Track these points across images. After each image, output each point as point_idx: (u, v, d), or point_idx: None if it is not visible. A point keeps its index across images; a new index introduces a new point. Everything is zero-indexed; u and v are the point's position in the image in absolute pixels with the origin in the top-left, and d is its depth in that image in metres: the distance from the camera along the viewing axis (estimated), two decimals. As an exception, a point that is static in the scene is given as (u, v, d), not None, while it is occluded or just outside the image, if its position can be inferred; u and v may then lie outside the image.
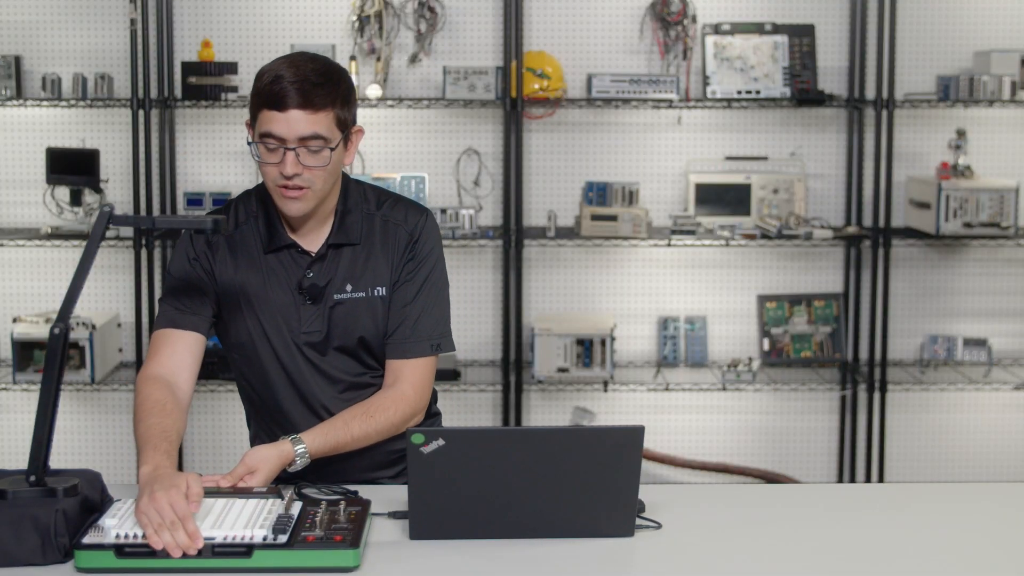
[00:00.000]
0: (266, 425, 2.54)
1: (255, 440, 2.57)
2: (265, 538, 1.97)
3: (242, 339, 2.46)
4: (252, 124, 2.34)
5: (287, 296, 2.43)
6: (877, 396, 4.40)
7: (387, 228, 2.47)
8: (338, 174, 2.41)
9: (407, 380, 2.45)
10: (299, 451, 2.36)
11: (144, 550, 1.96)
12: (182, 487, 2.01)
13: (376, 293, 2.44)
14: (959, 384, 4.39)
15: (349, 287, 2.44)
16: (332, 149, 2.32)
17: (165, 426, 2.25)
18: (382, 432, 2.42)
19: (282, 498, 2.13)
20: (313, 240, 2.45)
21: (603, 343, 4.28)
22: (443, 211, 4.29)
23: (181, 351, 2.40)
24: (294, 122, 2.27)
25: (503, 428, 2.36)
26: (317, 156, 2.31)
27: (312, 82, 2.28)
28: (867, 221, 4.44)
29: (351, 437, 2.40)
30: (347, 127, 2.36)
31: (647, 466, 4.59)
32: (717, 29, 4.42)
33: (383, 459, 2.53)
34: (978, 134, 4.53)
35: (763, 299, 4.59)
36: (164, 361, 2.39)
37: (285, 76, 2.27)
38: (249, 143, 2.37)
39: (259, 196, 2.47)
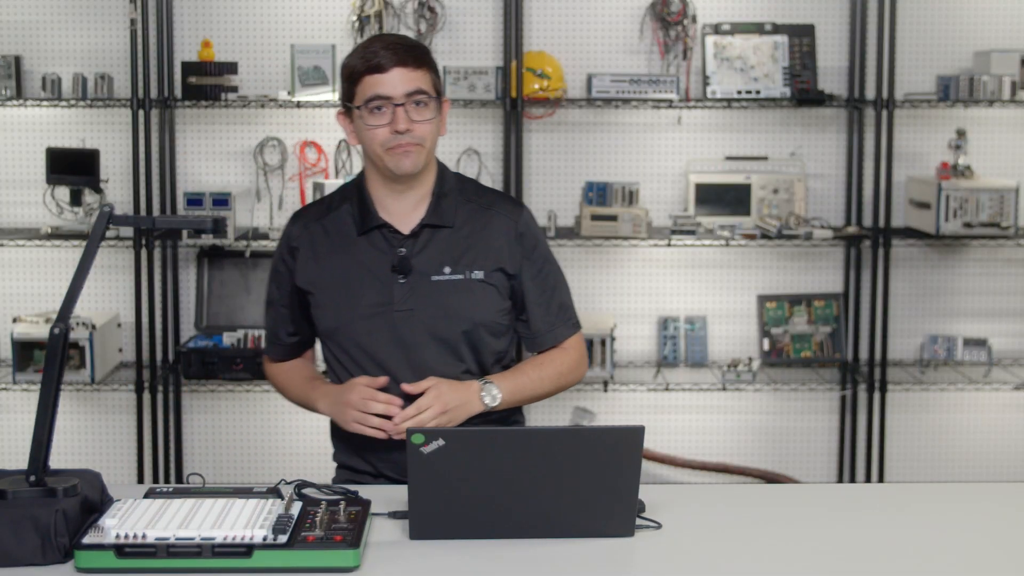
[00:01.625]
0: None
1: (338, 430, 2.61)
2: (265, 538, 1.97)
3: (336, 323, 2.52)
4: (348, 103, 2.47)
5: (381, 274, 2.50)
6: (877, 396, 4.40)
7: (488, 217, 2.55)
8: (437, 139, 2.51)
9: (569, 347, 2.62)
10: (484, 384, 2.48)
11: (144, 550, 1.96)
12: (353, 385, 2.42)
13: (473, 276, 2.51)
14: (959, 384, 4.39)
15: (447, 269, 2.50)
16: (437, 99, 2.46)
17: (305, 375, 2.63)
18: (560, 373, 2.58)
19: (282, 498, 2.13)
20: (407, 222, 2.53)
21: (603, 343, 4.28)
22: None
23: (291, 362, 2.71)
24: (398, 79, 2.42)
25: (503, 428, 2.36)
26: (424, 109, 2.44)
27: (405, 45, 2.46)
28: (867, 221, 4.44)
29: (528, 377, 2.54)
30: (440, 93, 2.50)
31: (647, 466, 4.59)
32: (717, 29, 4.42)
33: None
34: (978, 134, 4.53)
35: (763, 299, 4.59)
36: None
37: (378, 45, 2.45)
38: (353, 108, 2.46)
39: (356, 182, 2.58)
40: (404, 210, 2.53)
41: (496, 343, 2.57)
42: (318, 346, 2.71)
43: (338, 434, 2.61)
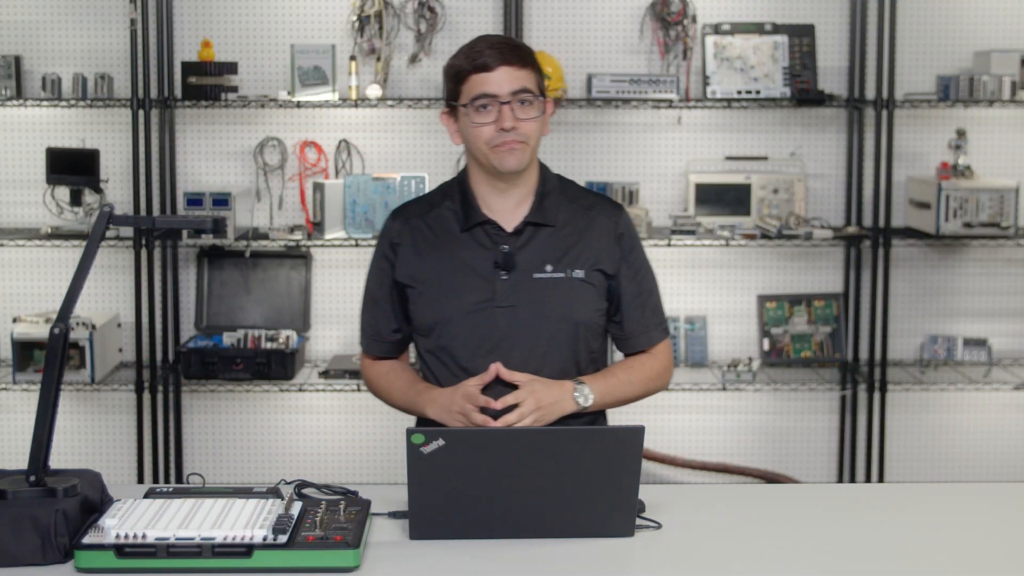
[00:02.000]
0: None
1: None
2: (265, 538, 1.97)
3: (436, 318, 2.53)
4: (452, 102, 2.52)
5: (483, 271, 2.52)
6: (877, 396, 4.40)
7: (590, 217, 2.58)
8: (540, 138, 2.54)
9: (658, 352, 2.64)
10: (577, 385, 2.49)
11: (144, 550, 1.96)
12: (460, 388, 2.45)
13: (574, 275, 2.53)
14: (959, 384, 4.39)
15: (549, 267, 2.53)
16: (540, 99, 2.49)
17: (407, 378, 2.62)
18: (649, 378, 2.61)
19: (282, 498, 2.13)
20: (511, 219, 2.56)
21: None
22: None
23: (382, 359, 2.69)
24: (504, 78, 2.46)
25: (503, 428, 2.36)
26: (529, 108, 2.48)
27: (511, 45, 2.51)
28: (867, 221, 4.44)
29: (618, 380, 2.57)
30: (543, 93, 2.53)
31: (647, 466, 4.59)
32: (717, 29, 4.42)
33: None
34: (978, 134, 4.53)
35: (763, 299, 4.59)
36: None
37: (483, 44, 2.50)
38: (459, 107, 2.51)
39: (458, 180, 2.63)
40: (507, 208, 2.56)
41: (592, 343, 2.59)
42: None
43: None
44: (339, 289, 4.58)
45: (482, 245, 2.54)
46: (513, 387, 2.46)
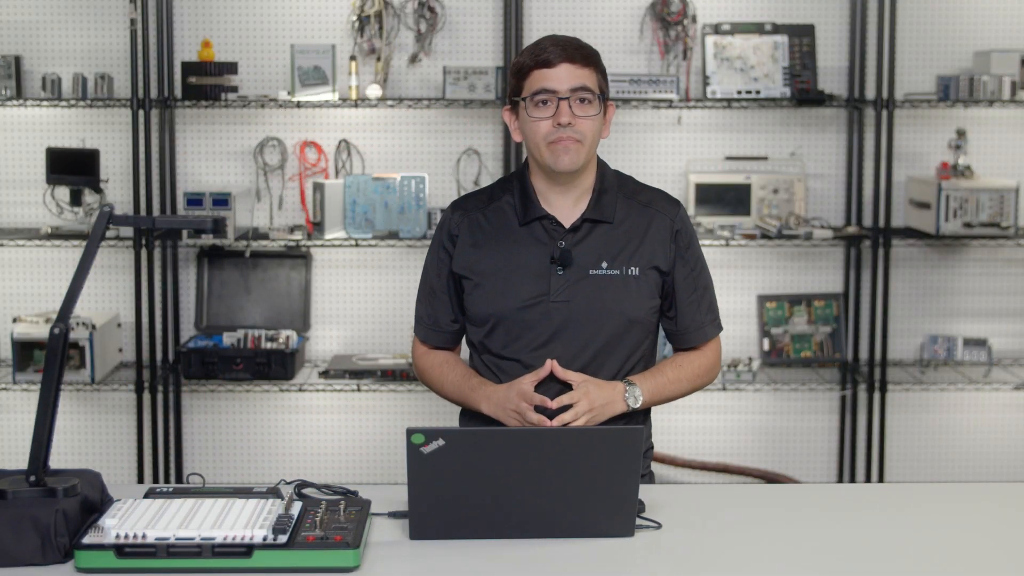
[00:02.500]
0: None
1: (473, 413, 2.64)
2: (265, 538, 1.97)
3: (491, 310, 2.55)
4: (515, 97, 2.55)
5: (539, 265, 2.53)
6: (877, 396, 4.40)
7: (648, 214, 2.59)
8: (598, 139, 2.56)
9: (708, 349, 2.66)
10: (628, 386, 2.52)
11: (144, 550, 1.96)
12: (515, 386, 2.46)
13: (630, 272, 2.55)
14: (959, 384, 4.39)
15: (605, 264, 2.55)
16: (601, 100, 2.53)
17: (461, 372, 2.62)
18: (697, 375, 2.64)
19: (282, 498, 2.13)
20: (569, 215, 2.57)
21: (603, 343, 4.28)
22: (443, 211, 4.28)
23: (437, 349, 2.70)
24: (565, 75, 2.50)
25: (503, 428, 2.36)
26: (588, 106, 2.52)
27: (575, 44, 2.54)
28: (867, 221, 4.44)
29: (667, 378, 2.59)
30: (605, 95, 2.57)
31: (647, 466, 4.59)
32: (717, 29, 4.42)
33: None
34: (978, 134, 4.53)
35: (763, 299, 4.59)
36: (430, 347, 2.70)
37: (548, 42, 2.53)
38: (520, 100, 2.53)
39: (518, 174, 2.63)
40: (566, 204, 2.58)
41: (645, 340, 2.61)
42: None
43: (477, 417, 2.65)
44: (339, 289, 4.58)
45: (539, 240, 2.56)
46: (566, 385, 2.48)
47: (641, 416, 2.61)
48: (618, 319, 2.54)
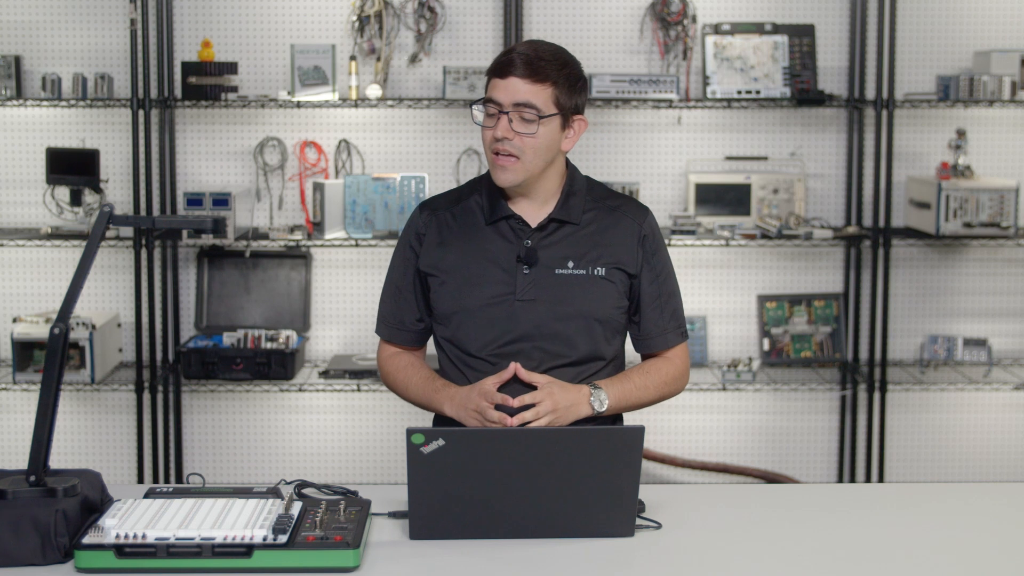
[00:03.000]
0: None
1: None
2: (265, 538, 1.97)
3: (456, 307, 2.55)
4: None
5: (505, 264, 2.54)
6: (877, 396, 4.40)
7: (615, 217, 2.60)
8: (550, 154, 2.53)
9: (675, 357, 2.64)
10: (593, 390, 2.49)
11: (144, 550, 1.96)
12: (477, 387, 2.45)
13: (596, 272, 2.55)
14: (959, 384, 4.39)
15: (571, 264, 2.54)
16: (542, 119, 2.45)
17: (425, 375, 2.61)
18: (665, 382, 2.61)
19: (282, 498, 2.13)
20: (536, 215, 2.57)
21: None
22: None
23: (402, 351, 2.69)
24: (512, 88, 2.46)
25: (503, 428, 2.35)
26: (527, 124, 2.47)
27: (540, 57, 2.47)
28: (867, 221, 4.44)
29: (634, 384, 2.56)
30: (567, 111, 2.50)
31: (647, 466, 4.59)
32: (717, 29, 4.42)
33: None
34: (978, 134, 4.53)
35: (763, 299, 4.59)
36: (395, 349, 2.69)
37: (517, 49, 2.50)
38: (476, 111, 2.53)
39: (487, 175, 2.61)
40: (533, 205, 2.58)
41: (612, 341, 2.59)
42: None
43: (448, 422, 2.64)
44: (339, 289, 4.58)
45: (506, 239, 2.56)
46: (531, 388, 2.47)
47: (611, 419, 2.59)
48: (584, 318, 2.53)
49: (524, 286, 2.52)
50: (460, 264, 2.56)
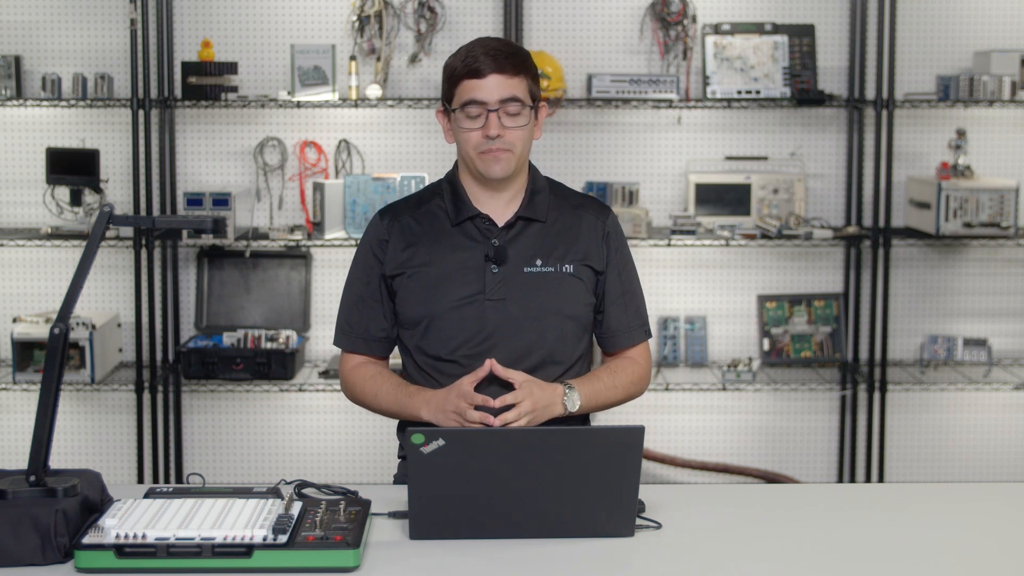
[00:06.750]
0: None
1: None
2: (265, 538, 1.97)
3: (425, 311, 2.53)
4: (448, 103, 2.54)
5: (473, 264, 2.53)
6: (877, 396, 4.40)
7: (579, 215, 2.61)
8: (530, 144, 2.56)
9: (639, 357, 2.65)
10: (567, 390, 2.49)
11: (144, 550, 1.96)
12: (455, 388, 2.42)
13: (564, 270, 2.56)
14: (959, 384, 4.39)
15: (539, 262, 2.55)
16: (524, 109, 2.50)
17: (394, 382, 2.57)
18: (632, 383, 2.62)
19: (282, 498, 2.13)
20: (502, 214, 2.58)
21: (603, 343, 4.28)
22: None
23: (368, 361, 2.65)
24: (494, 86, 2.48)
25: (503, 428, 2.35)
26: (517, 117, 2.50)
27: (504, 52, 2.50)
28: (867, 221, 4.44)
29: (603, 384, 2.56)
30: (535, 99, 2.55)
31: (647, 466, 4.59)
32: (717, 29, 4.42)
33: None
34: (978, 134, 4.53)
35: (763, 299, 4.59)
36: (360, 359, 2.65)
37: (478, 50, 2.50)
38: (451, 110, 2.53)
39: (448, 177, 2.62)
40: (498, 204, 2.58)
41: (582, 338, 2.59)
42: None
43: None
44: (339, 289, 4.53)
45: (473, 239, 2.55)
46: (506, 385, 2.46)
47: (580, 420, 2.58)
48: (555, 316, 2.53)
49: (494, 285, 2.52)
50: (426, 267, 2.54)
